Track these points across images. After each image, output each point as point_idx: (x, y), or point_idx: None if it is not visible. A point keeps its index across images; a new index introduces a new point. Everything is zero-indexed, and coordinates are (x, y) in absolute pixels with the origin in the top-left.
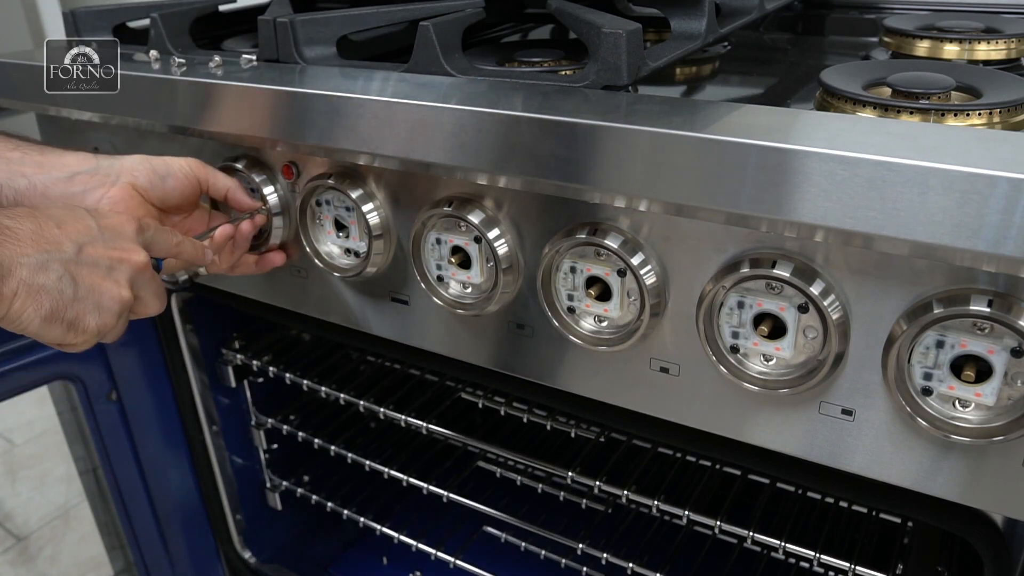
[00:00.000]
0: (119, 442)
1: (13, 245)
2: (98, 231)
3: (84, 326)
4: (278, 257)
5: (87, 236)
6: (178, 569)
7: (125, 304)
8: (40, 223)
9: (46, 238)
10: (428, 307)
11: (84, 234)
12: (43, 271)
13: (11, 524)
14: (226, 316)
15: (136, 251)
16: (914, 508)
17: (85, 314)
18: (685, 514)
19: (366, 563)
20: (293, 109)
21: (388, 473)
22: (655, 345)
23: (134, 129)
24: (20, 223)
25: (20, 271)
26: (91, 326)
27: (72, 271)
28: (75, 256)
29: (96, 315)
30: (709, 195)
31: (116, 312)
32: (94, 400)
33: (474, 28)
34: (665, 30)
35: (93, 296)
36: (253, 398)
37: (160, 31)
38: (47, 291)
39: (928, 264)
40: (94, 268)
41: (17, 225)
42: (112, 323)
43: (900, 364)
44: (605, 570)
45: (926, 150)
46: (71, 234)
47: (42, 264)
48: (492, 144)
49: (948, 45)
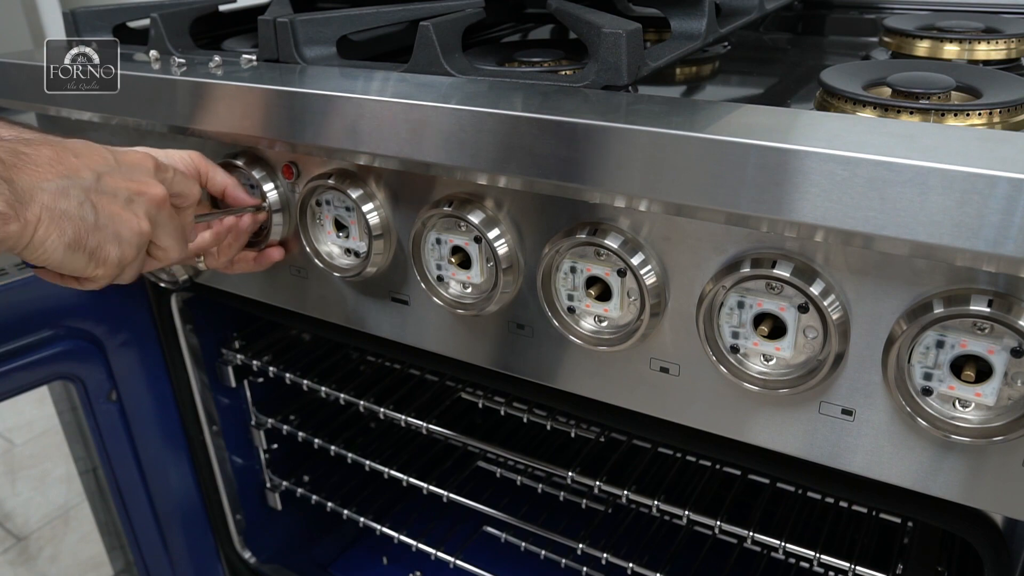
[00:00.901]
0: (119, 442)
1: (33, 171)
2: (116, 163)
3: (105, 255)
4: (277, 253)
5: (105, 166)
6: (178, 569)
7: (144, 236)
8: (58, 151)
9: (65, 165)
10: (428, 307)
11: (102, 164)
12: (64, 197)
13: (11, 524)
14: (226, 316)
15: (155, 185)
16: (914, 508)
17: (106, 242)
18: (685, 514)
19: (366, 563)
20: (293, 109)
21: (388, 473)
22: (655, 345)
23: (134, 129)
24: (38, 150)
25: (42, 196)
26: (112, 256)
27: (92, 198)
28: (95, 184)
29: (117, 245)
30: (709, 195)
31: (136, 244)
32: (94, 400)
33: (474, 28)
34: (665, 30)
35: (113, 225)
36: (253, 398)
37: (160, 31)
38: (69, 217)
39: (928, 264)
40: (113, 197)
41: (35, 152)
42: (132, 255)
43: (900, 364)
44: (605, 570)
45: (926, 150)
46: (90, 163)
47: (63, 190)
48: (492, 144)
49: (948, 45)
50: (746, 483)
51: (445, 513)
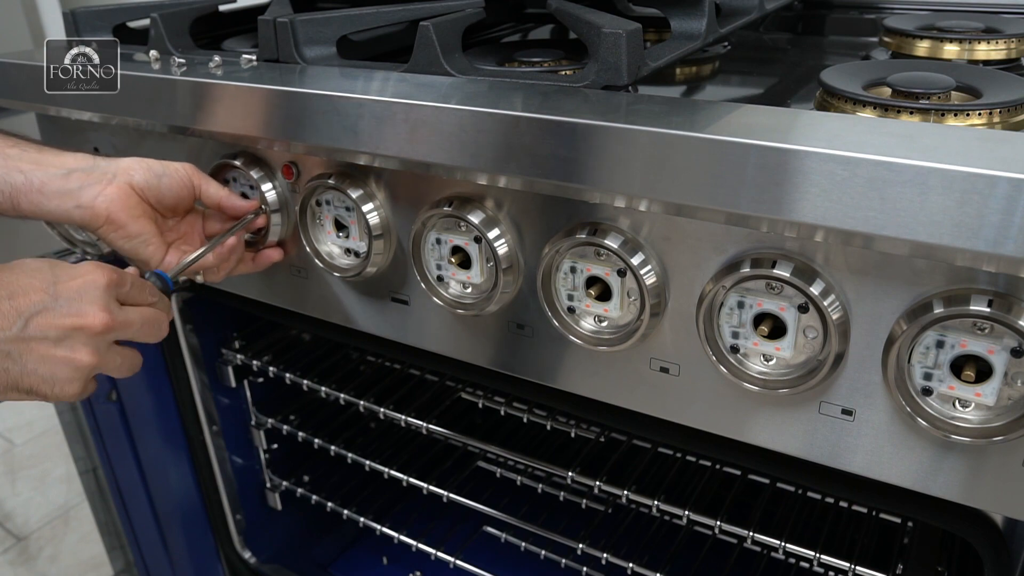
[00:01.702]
0: (119, 442)
1: None
2: (53, 297)
3: (43, 394)
4: (275, 253)
5: (39, 305)
6: (178, 569)
7: (84, 368)
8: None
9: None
10: (428, 307)
11: (37, 303)
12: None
13: (11, 524)
14: (226, 316)
15: (95, 313)
16: (914, 508)
17: (40, 384)
18: (685, 514)
19: (366, 563)
20: (293, 109)
21: (388, 473)
22: (655, 345)
23: (134, 129)
24: None
25: None
26: (48, 395)
27: (17, 348)
28: (20, 332)
29: (51, 385)
30: (709, 195)
31: (76, 378)
32: (94, 400)
33: (474, 28)
34: (665, 30)
35: (45, 367)
36: (253, 398)
37: (160, 31)
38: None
39: (928, 264)
40: (43, 340)
41: None
42: (75, 389)
43: (900, 364)
44: (605, 570)
45: (926, 150)
46: (20, 305)
47: None
48: (492, 144)
49: (948, 45)
50: (746, 483)
51: (445, 513)
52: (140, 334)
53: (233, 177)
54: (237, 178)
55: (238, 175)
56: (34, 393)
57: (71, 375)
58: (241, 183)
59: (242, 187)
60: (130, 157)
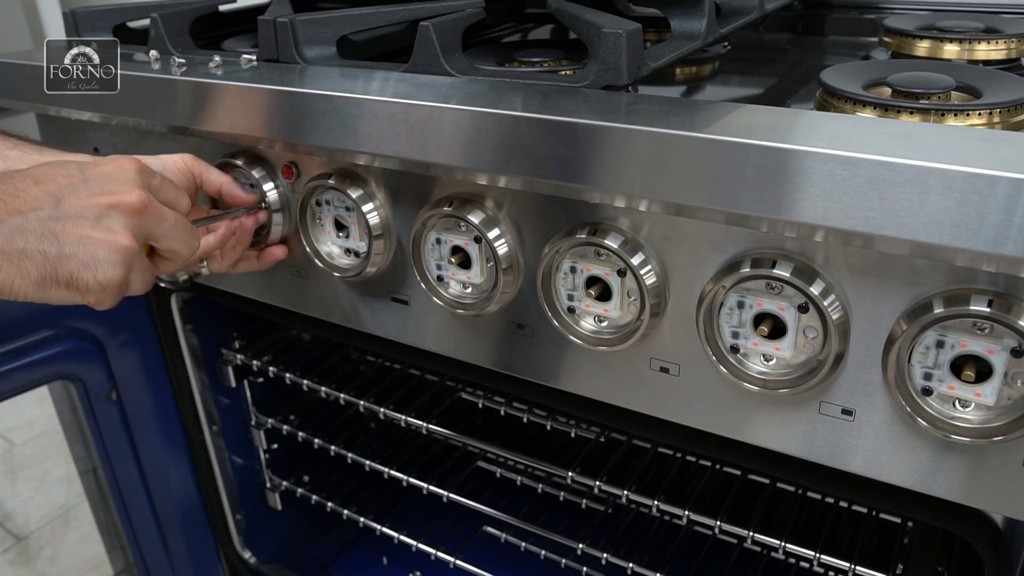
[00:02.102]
0: (119, 442)
1: None
2: (82, 179)
3: (85, 283)
4: (280, 251)
5: (68, 187)
6: (178, 569)
7: (127, 251)
8: (16, 183)
9: (21, 199)
10: (428, 307)
11: (65, 185)
12: (20, 235)
13: (11, 524)
14: (226, 316)
15: (130, 191)
16: (914, 508)
17: (81, 270)
18: (685, 514)
19: (366, 563)
20: (293, 109)
21: (388, 473)
22: (655, 345)
23: (134, 129)
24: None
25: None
26: (93, 282)
27: (53, 227)
28: (54, 211)
29: (93, 270)
30: (709, 195)
31: (119, 262)
32: (94, 400)
33: (474, 28)
34: (665, 30)
35: (85, 249)
36: (253, 398)
37: (160, 31)
38: (29, 255)
39: (928, 264)
40: (79, 220)
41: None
42: (119, 275)
43: (900, 364)
44: (605, 570)
45: (926, 150)
46: (50, 188)
47: (17, 228)
48: (492, 144)
49: (948, 45)
50: (746, 483)
51: (445, 513)
52: (174, 234)
53: (235, 176)
54: (239, 177)
55: (240, 174)
56: (75, 284)
57: (112, 257)
58: (243, 182)
59: (244, 186)
60: (122, 157)
